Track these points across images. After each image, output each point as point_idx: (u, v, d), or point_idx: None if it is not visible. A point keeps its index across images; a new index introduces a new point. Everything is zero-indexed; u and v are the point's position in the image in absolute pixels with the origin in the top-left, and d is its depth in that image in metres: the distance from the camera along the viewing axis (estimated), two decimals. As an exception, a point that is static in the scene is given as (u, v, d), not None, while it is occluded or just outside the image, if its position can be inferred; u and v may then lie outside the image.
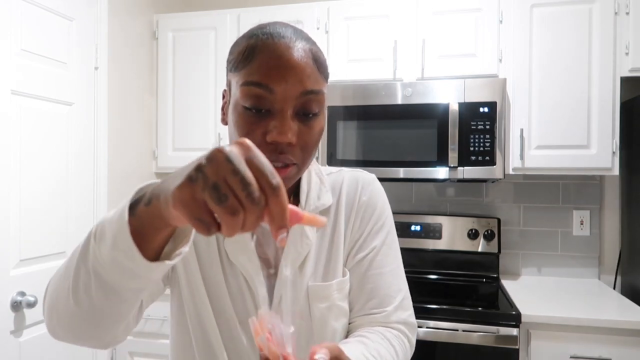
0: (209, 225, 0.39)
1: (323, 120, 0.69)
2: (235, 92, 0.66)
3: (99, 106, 1.93)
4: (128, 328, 0.61)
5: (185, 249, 0.51)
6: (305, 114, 0.65)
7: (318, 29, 2.13)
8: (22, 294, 1.55)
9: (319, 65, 0.66)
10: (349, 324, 0.77)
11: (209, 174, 0.38)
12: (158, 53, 2.31)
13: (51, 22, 1.70)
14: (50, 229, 1.68)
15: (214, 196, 0.38)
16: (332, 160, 2.02)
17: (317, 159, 2.05)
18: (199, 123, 2.25)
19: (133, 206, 0.48)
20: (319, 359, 0.49)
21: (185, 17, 2.28)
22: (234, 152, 0.39)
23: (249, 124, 0.64)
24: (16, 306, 1.53)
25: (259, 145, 0.64)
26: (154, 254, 0.50)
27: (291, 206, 0.42)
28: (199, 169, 0.39)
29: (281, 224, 0.40)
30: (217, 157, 0.39)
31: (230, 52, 0.69)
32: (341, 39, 2.11)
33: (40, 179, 1.65)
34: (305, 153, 0.66)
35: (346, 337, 0.77)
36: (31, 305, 1.53)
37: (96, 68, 1.92)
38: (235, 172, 0.38)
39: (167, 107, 2.30)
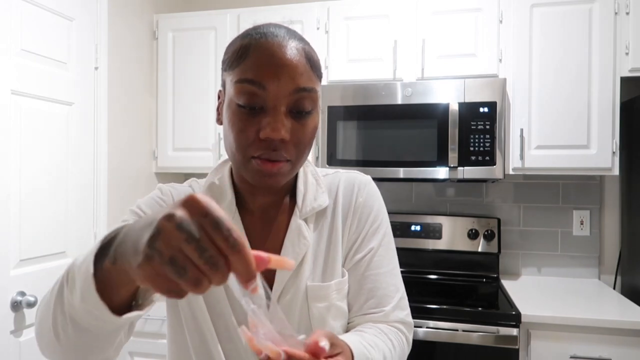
0: (180, 293, 0.39)
1: (317, 118, 0.70)
2: (230, 90, 0.67)
3: (99, 106, 1.93)
4: (119, 346, 0.61)
5: (157, 295, 0.51)
6: (298, 112, 0.66)
7: (318, 29, 2.13)
8: (22, 294, 1.55)
9: (312, 64, 0.68)
10: (348, 323, 0.78)
11: (162, 248, 0.37)
12: (158, 53, 2.31)
13: (51, 22, 1.70)
14: (50, 229, 1.68)
15: (173, 270, 0.37)
16: (332, 160, 2.02)
17: (317, 159, 2.05)
18: (199, 123, 2.25)
19: (100, 256, 0.48)
20: (324, 346, 0.49)
21: (185, 17, 2.28)
22: (184, 217, 0.38)
23: (243, 121, 0.65)
24: (16, 306, 1.53)
25: (252, 143, 0.65)
26: (128, 299, 0.50)
27: (256, 252, 0.40)
28: (151, 244, 0.38)
29: (248, 277, 0.39)
30: (166, 228, 0.37)
31: (225, 52, 0.70)
32: (341, 39, 2.11)
33: (40, 179, 1.64)
34: (299, 150, 0.67)
35: None
36: (31, 305, 1.53)
37: (96, 68, 1.92)
38: (189, 239, 0.37)
39: (167, 107, 2.30)
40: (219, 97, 0.73)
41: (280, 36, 0.65)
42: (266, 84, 0.63)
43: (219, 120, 0.72)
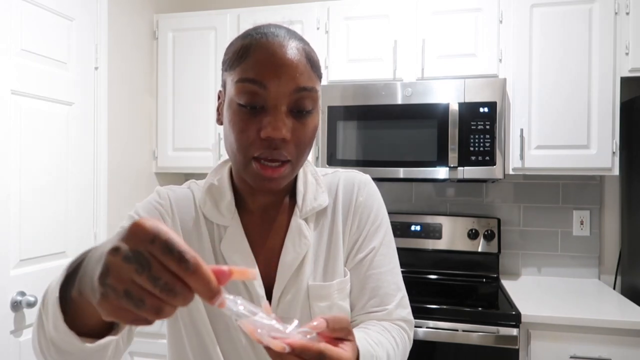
0: (147, 321, 0.38)
1: (317, 118, 0.71)
2: (230, 89, 0.67)
3: (99, 106, 1.93)
4: (119, 354, 0.60)
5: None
6: (299, 111, 0.66)
7: (318, 29, 2.13)
8: (22, 294, 1.55)
9: (312, 64, 0.68)
10: (352, 322, 0.78)
11: (114, 284, 0.36)
12: (158, 53, 2.31)
13: (51, 22, 1.70)
14: (50, 229, 1.68)
15: (131, 303, 0.36)
16: (332, 160, 2.02)
17: (317, 159, 2.05)
18: (199, 123, 2.25)
19: (67, 283, 0.47)
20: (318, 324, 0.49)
21: (185, 17, 2.28)
22: (129, 248, 0.36)
23: (244, 120, 0.65)
24: (16, 306, 1.53)
25: (253, 142, 0.65)
26: (102, 322, 0.48)
27: (213, 267, 0.39)
28: (103, 281, 0.37)
29: (210, 295, 0.38)
30: (114, 263, 0.36)
31: (226, 53, 0.70)
32: (341, 39, 2.11)
33: (40, 179, 1.64)
34: (299, 150, 0.67)
35: None
36: (31, 305, 1.53)
37: (96, 68, 1.92)
38: (139, 270, 0.36)
39: (167, 107, 2.30)
40: (219, 98, 0.73)
41: (281, 36, 0.66)
42: (267, 83, 0.63)
43: (219, 121, 0.73)
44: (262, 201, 0.76)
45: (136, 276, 0.36)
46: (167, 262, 0.36)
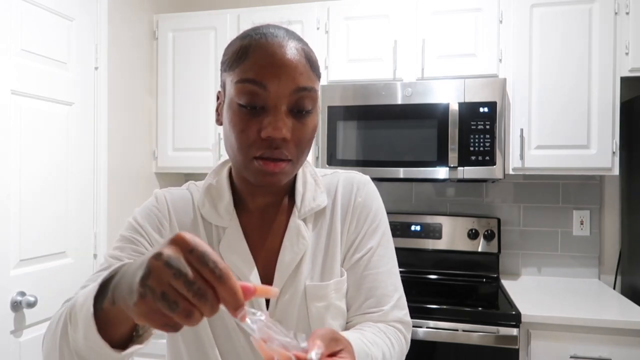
0: (175, 326, 0.42)
1: (316, 118, 0.71)
2: (230, 90, 0.67)
3: (99, 106, 1.93)
4: None
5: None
6: (298, 111, 0.67)
7: (318, 29, 2.13)
8: (22, 294, 1.55)
9: (312, 64, 0.68)
10: (348, 323, 0.78)
11: (153, 285, 0.40)
12: (158, 53, 2.31)
13: (51, 22, 1.70)
14: (50, 229, 1.68)
15: (166, 305, 0.40)
16: (332, 160, 2.02)
17: (317, 159, 2.05)
18: (199, 123, 2.25)
19: (99, 296, 0.50)
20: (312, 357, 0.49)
21: (185, 17, 2.28)
22: (171, 254, 0.41)
23: (244, 121, 0.65)
24: (16, 306, 1.53)
25: (254, 142, 0.65)
26: (128, 332, 0.52)
27: (241, 283, 0.43)
28: (143, 282, 0.41)
29: (235, 305, 0.42)
30: (156, 266, 0.40)
31: (225, 53, 0.71)
32: (341, 39, 2.11)
33: (40, 179, 1.64)
34: (299, 149, 0.68)
35: None
36: (31, 305, 1.53)
37: (96, 68, 1.92)
38: (177, 275, 0.40)
39: (167, 107, 2.30)
40: (218, 98, 0.74)
41: (280, 36, 0.66)
42: (267, 83, 0.64)
43: (219, 121, 0.73)
44: (262, 201, 0.76)
45: (174, 280, 0.40)
46: (201, 270, 0.41)
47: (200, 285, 0.40)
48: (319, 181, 0.80)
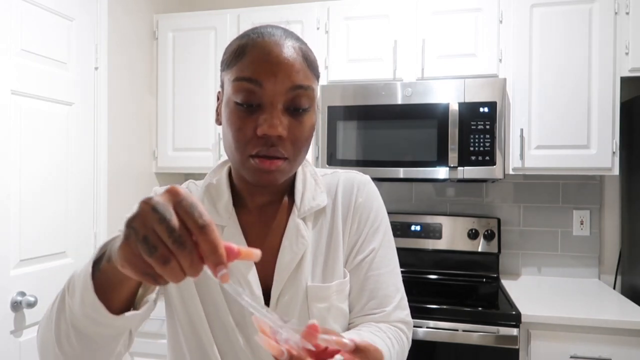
0: (155, 277, 0.41)
1: (314, 117, 0.71)
2: (228, 88, 0.68)
3: (99, 106, 1.93)
4: (119, 356, 0.63)
5: (153, 295, 0.55)
6: (295, 109, 0.67)
7: (318, 29, 2.13)
8: (22, 294, 1.55)
9: (309, 63, 0.68)
10: (350, 324, 0.77)
11: (138, 227, 0.40)
12: (158, 53, 2.31)
13: (51, 22, 1.70)
14: (50, 229, 1.68)
15: (145, 249, 0.40)
16: (332, 160, 2.02)
17: (317, 159, 2.05)
18: (199, 123, 2.25)
19: (98, 261, 0.51)
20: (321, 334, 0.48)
21: (185, 17, 2.28)
22: (160, 201, 0.41)
23: (241, 119, 0.66)
24: (16, 306, 1.53)
25: (250, 140, 0.66)
26: (126, 302, 0.53)
27: (225, 243, 0.42)
28: (129, 224, 0.41)
29: (216, 261, 0.41)
30: (143, 209, 0.41)
31: (224, 53, 0.71)
32: (341, 39, 2.11)
33: (40, 179, 1.64)
34: (296, 147, 0.68)
35: None
36: (31, 305, 1.53)
37: (96, 68, 1.92)
38: (161, 220, 0.40)
39: (167, 107, 2.30)
40: (218, 99, 0.74)
41: (277, 35, 0.67)
42: (263, 81, 0.64)
43: (218, 121, 0.73)
44: (261, 200, 0.76)
45: (157, 225, 0.40)
46: (186, 220, 0.41)
47: (182, 233, 0.40)
48: (318, 180, 0.79)
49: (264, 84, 0.64)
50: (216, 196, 0.76)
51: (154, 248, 0.40)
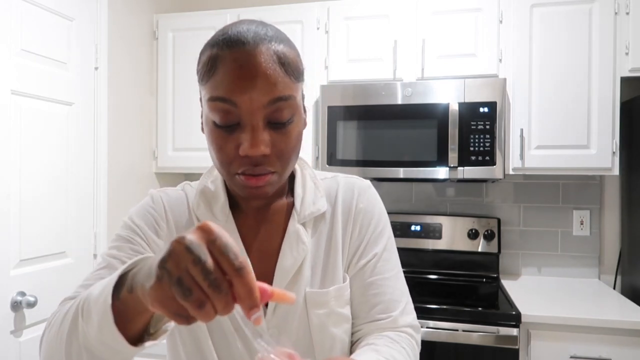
0: (188, 318, 0.41)
1: (300, 124, 0.67)
2: (205, 106, 0.65)
3: (99, 106, 1.93)
4: None
5: (171, 325, 0.53)
6: (276, 123, 0.63)
7: (318, 29, 2.13)
8: (22, 294, 1.55)
9: (287, 67, 0.62)
10: (357, 331, 0.76)
11: (171, 269, 0.39)
12: (158, 53, 2.31)
13: (51, 22, 1.70)
14: (50, 229, 1.68)
15: (179, 292, 0.39)
16: (332, 160, 2.02)
17: (317, 159, 2.05)
18: (199, 123, 2.25)
19: (118, 286, 0.50)
20: None
21: (185, 17, 2.28)
22: (193, 240, 0.40)
23: (221, 138, 0.63)
24: (16, 306, 1.53)
25: (234, 160, 0.63)
26: (142, 327, 0.51)
27: (260, 284, 0.41)
28: (162, 265, 0.40)
29: (250, 304, 0.40)
30: (176, 249, 0.40)
31: (198, 61, 0.66)
32: (341, 39, 2.11)
33: (40, 179, 1.64)
34: (283, 161, 0.65)
35: (350, 342, 0.76)
36: (31, 305, 1.53)
37: (96, 68, 1.92)
38: (196, 261, 0.39)
39: (167, 107, 2.30)
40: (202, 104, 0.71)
41: (249, 41, 0.60)
42: (237, 100, 0.60)
43: (203, 130, 0.70)
44: (257, 203, 0.75)
45: (192, 266, 0.39)
46: (221, 261, 0.40)
47: (217, 276, 0.39)
48: (318, 184, 0.78)
49: (239, 103, 0.60)
50: (212, 198, 0.75)
51: (188, 291, 0.39)
